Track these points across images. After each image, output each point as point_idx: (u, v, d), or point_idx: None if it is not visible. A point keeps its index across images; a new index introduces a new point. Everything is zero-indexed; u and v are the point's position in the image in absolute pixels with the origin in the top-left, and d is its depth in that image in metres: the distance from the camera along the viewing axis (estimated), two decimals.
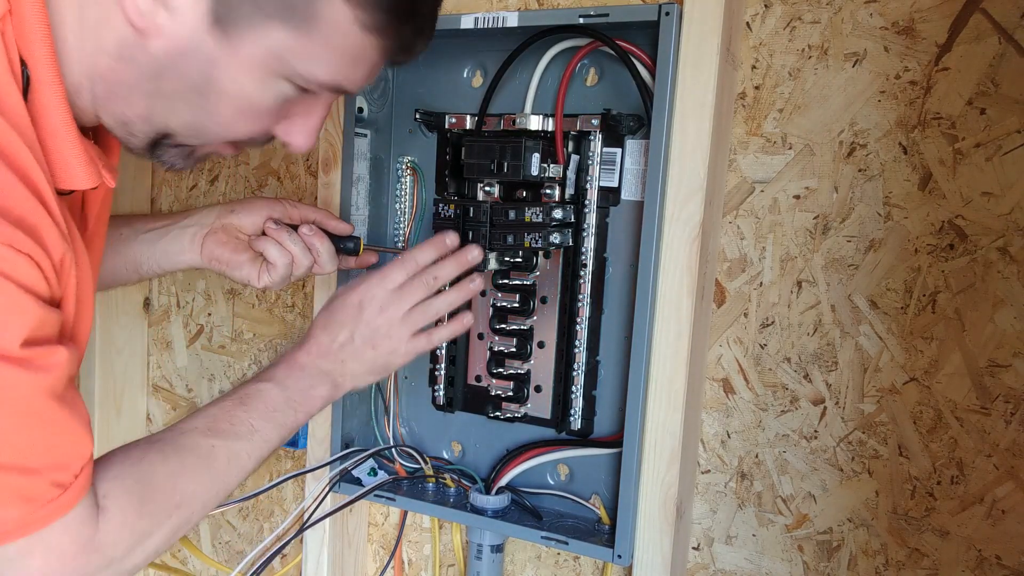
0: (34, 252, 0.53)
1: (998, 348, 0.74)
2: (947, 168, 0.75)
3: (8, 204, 0.52)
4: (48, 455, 0.55)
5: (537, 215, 0.82)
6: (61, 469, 0.56)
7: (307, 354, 0.77)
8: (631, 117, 0.82)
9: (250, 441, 0.70)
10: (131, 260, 0.84)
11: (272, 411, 0.72)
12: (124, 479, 0.61)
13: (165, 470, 0.64)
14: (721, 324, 0.86)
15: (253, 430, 0.70)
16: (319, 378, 0.76)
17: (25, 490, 0.54)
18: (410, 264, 0.78)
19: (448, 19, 0.87)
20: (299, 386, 0.75)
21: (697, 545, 0.89)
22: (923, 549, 0.79)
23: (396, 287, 0.77)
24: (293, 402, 0.74)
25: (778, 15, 0.80)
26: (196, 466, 0.66)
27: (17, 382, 0.52)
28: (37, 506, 0.54)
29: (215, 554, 1.25)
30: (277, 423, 0.72)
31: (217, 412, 0.70)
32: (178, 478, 0.64)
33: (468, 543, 0.95)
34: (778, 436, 0.84)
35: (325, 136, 0.93)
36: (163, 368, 1.28)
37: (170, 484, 0.64)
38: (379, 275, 0.78)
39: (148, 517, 0.61)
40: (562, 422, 0.88)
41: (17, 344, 0.52)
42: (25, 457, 0.54)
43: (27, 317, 0.52)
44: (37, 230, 0.54)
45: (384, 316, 0.77)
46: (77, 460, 0.57)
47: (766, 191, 0.83)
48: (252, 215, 0.83)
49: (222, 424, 0.69)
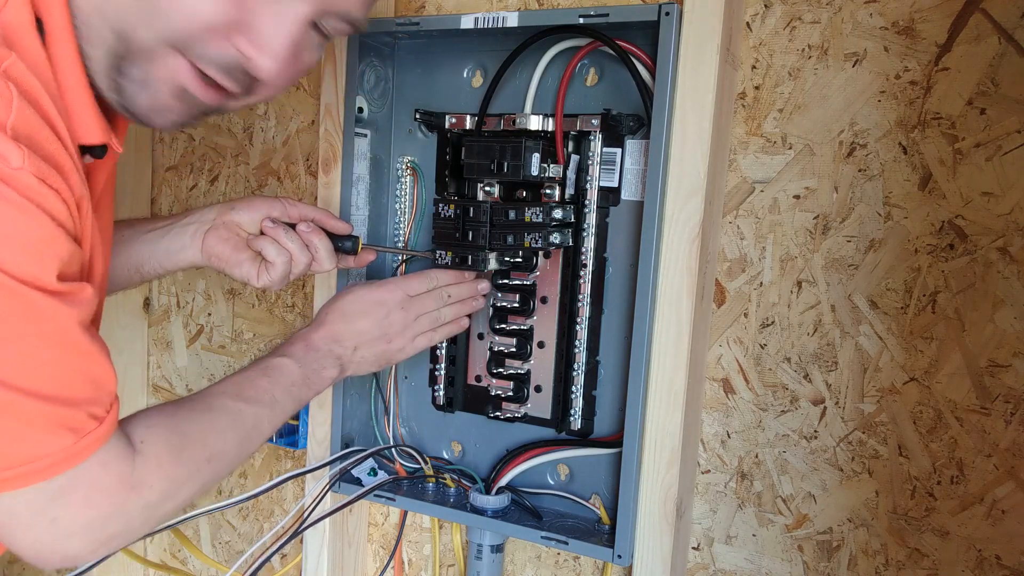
0: (62, 189, 0.55)
1: (998, 348, 0.74)
2: (947, 168, 0.75)
3: (41, 143, 0.54)
4: (86, 387, 0.57)
5: (537, 215, 0.82)
6: (96, 402, 0.58)
7: (322, 336, 0.81)
8: (631, 117, 0.83)
9: (272, 410, 0.74)
10: (133, 261, 0.84)
11: (291, 385, 0.77)
12: (160, 428, 0.64)
13: (198, 426, 0.67)
14: (721, 324, 0.86)
15: (275, 400, 0.74)
16: (330, 360, 0.81)
17: (69, 421, 0.56)
18: (431, 279, 0.86)
19: (448, 19, 0.87)
20: (313, 366, 0.79)
21: (697, 545, 0.89)
22: (923, 549, 0.79)
23: (415, 294, 0.85)
24: (308, 379, 0.78)
25: (778, 15, 0.80)
26: (225, 425, 0.70)
27: (57, 314, 0.54)
28: (79, 436, 0.56)
29: (215, 554, 1.25)
30: (294, 396, 0.77)
31: (243, 380, 0.74)
32: (209, 434, 0.68)
33: (468, 543, 0.95)
34: (778, 436, 0.84)
35: (325, 136, 0.93)
36: (163, 368, 1.28)
37: (202, 438, 0.67)
38: (403, 280, 0.85)
39: (182, 464, 0.64)
40: (562, 422, 0.88)
41: (54, 277, 0.54)
42: (68, 388, 0.56)
43: (61, 250, 0.55)
44: (64, 170, 0.55)
45: (401, 315, 0.84)
46: (107, 394, 0.59)
47: (766, 191, 0.83)
48: (251, 212, 0.83)
49: (248, 391, 0.73)
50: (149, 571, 1.29)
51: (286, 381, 0.76)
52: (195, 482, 0.66)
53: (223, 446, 0.69)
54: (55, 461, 0.55)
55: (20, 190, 0.52)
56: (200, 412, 0.69)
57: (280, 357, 0.78)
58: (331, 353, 0.81)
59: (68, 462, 0.56)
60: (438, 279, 0.86)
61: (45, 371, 0.55)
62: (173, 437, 0.65)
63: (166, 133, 1.22)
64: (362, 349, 0.83)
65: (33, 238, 0.53)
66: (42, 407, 0.54)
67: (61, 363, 0.56)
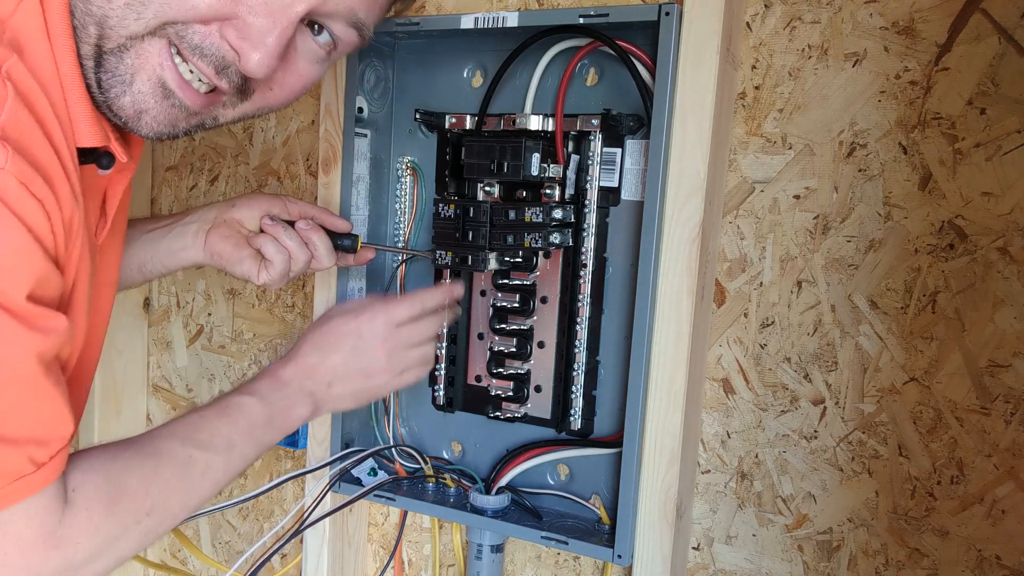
0: (47, 201, 0.51)
1: (998, 348, 0.74)
2: (947, 168, 0.75)
3: (30, 148, 0.51)
4: (28, 426, 0.52)
5: (537, 215, 0.82)
6: (39, 444, 0.52)
7: (292, 371, 0.75)
8: (631, 117, 0.83)
9: (228, 456, 0.68)
10: (135, 261, 0.84)
11: (252, 427, 0.70)
12: (95, 474, 0.58)
13: (140, 473, 0.61)
14: (721, 324, 0.86)
15: (232, 445, 0.68)
16: (301, 398, 0.75)
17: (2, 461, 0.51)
18: (417, 305, 0.80)
19: (448, 19, 0.87)
20: (281, 404, 0.73)
21: (697, 545, 0.89)
22: (923, 549, 0.79)
23: (399, 323, 0.79)
24: (273, 420, 0.72)
25: (778, 15, 0.80)
26: (171, 474, 0.63)
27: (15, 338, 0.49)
28: (7, 480, 0.51)
29: (215, 554, 1.25)
30: (255, 440, 0.71)
31: (198, 421, 0.68)
32: (151, 484, 0.61)
33: (468, 543, 0.95)
34: (778, 436, 0.84)
35: (325, 136, 0.93)
36: (163, 368, 1.28)
37: (143, 488, 0.61)
38: (384, 307, 0.78)
39: (116, 518, 0.58)
40: (562, 422, 0.88)
41: (23, 296, 0.49)
42: (7, 426, 0.51)
43: (35, 267, 0.50)
44: (52, 181, 0.52)
45: (384, 348, 0.77)
46: (57, 439, 0.54)
47: (766, 191, 0.83)
48: (252, 210, 0.83)
49: (202, 435, 0.67)
50: (149, 571, 1.29)
51: (246, 423, 0.70)
52: (132, 536, 0.60)
53: (167, 495, 0.62)
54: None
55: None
56: (144, 457, 0.62)
57: (243, 395, 0.72)
58: (302, 390, 0.75)
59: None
60: (425, 303, 0.80)
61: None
62: (109, 485, 0.58)
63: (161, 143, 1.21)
64: (337, 385, 0.76)
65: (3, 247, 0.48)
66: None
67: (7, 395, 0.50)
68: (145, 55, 0.58)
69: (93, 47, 0.57)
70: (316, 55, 0.65)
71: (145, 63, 0.58)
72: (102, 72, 0.58)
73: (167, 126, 0.62)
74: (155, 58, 0.58)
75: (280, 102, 0.66)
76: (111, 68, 0.58)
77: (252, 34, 0.58)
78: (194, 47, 0.58)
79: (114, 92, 0.58)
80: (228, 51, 0.59)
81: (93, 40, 0.57)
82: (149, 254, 0.84)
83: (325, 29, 0.64)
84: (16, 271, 0.49)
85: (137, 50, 0.58)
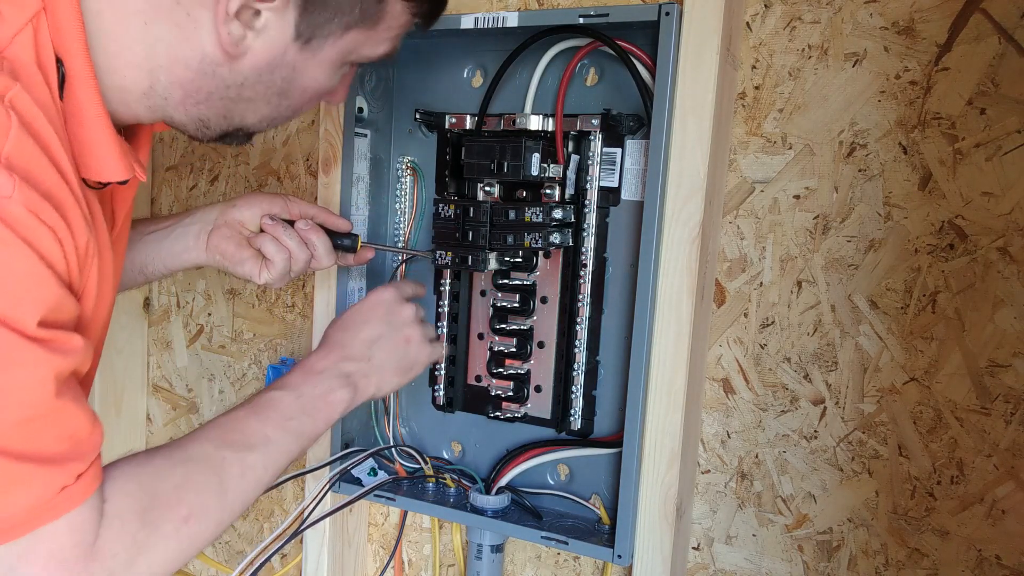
0: (58, 228, 0.51)
1: (998, 348, 0.74)
2: (947, 168, 0.75)
3: (37, 176, 0.51)
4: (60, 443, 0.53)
5: (537, 215, 0.82)
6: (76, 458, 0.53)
7: (324, 358, 0.76)
8: (631, 117, 0.82)
9: (264, 452, 0.67)
10: (137, 262, 0.84)
11: (287, 419, 0.70)
12: (127, 482, 0.58)
13: (172, 480, 0.61)
14: (721, 324, 0.86)
15: (268, 440, 0.68)
16: (338, 381, 0.75)
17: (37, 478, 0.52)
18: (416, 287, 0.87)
19: (448, 19, 0.86)
20: (315, 392, 0.73)
21: (697, 545, 0.89)
22: (923, 549, 0.79)
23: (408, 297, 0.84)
24: (309, 409, 0.72)
25: (778, 15, 0.80)
26: (206, 478, 0.63)
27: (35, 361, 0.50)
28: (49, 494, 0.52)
29: (215, 554, 1.25)
30: (293, 432, 0.70)
31: (228, 422, 0.68)
32: (185, 490, 0.61)
33: (468, 543, 0.95)
34: (778, 436, 0.84)
35: (325, 136, 0.93)
36: (163, 368, 1.28)
37: (176, 496, 0.60)
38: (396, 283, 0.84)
39: (150, 527, 0.58)
40: (562, 422, 0.88)
41: (34, 322, 0.50)
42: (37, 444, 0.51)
43: (47, 293, 0.51)
44: (63, 208, 0.52)
45: (409, 308, 0.81)
46: (91, 449, 0.55)
47: (766, 191, 0.83)
48: (252, 209, 0.83)
49: (234, 435, 0.67)
50: None
51: (279, 417, 0.70)
52: (170, 544, 0.59)
53: (204, 500, 0.62)
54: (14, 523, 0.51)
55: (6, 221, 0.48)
56: (176, 464, 0.62)
57: (273, 391, 0.72)
58: (339, 373, 0.75)
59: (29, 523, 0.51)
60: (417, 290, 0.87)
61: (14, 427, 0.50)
62: (141, 493, 0.58)
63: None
64: (377, 358, 0.77)
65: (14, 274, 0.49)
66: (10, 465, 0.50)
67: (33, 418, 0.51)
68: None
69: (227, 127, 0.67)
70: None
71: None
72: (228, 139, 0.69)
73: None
74: None
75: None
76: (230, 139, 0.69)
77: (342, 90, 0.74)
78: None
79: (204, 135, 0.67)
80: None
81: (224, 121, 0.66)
82: (151, 256, 0.84)
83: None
84: (28, 297, 0.50)
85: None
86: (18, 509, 0.51)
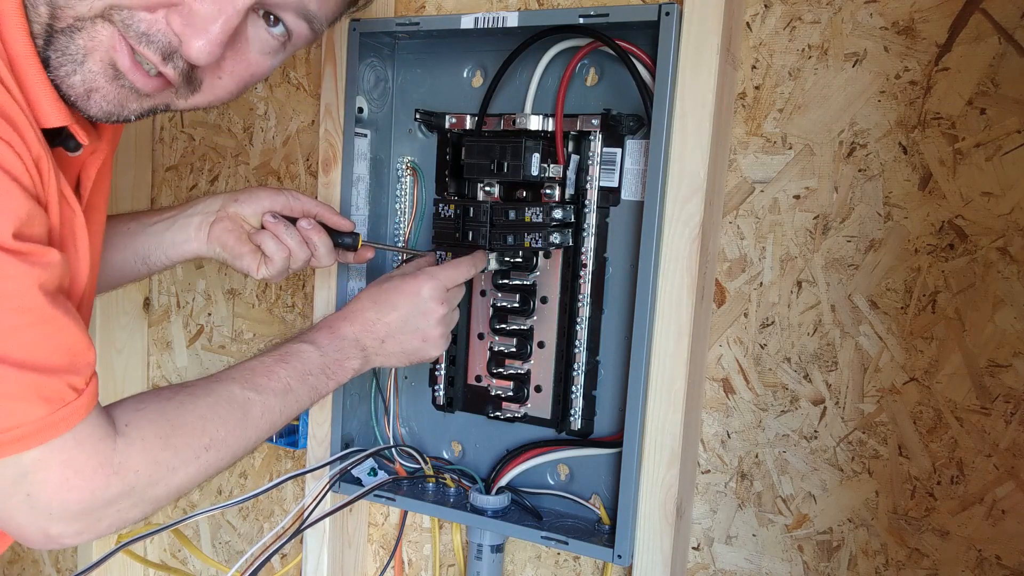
0: (14, 142, 0.52)
1: (998, 348, 0.74)
2: (947, 168, 0.75)
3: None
4: (58, 355, 0.54)
5: (537, 215, 0.82)
6: (73, 371, 0.54)
7: (351, 324, 0.78)
8: (631, 117, 0.83)
9: (284, 399, 0.70)
10: (139, 253, 0.85)
11: (308, 374, 0.73)
12: (149, 411, 0.61)
13: (196, 412, 0.64)
14: (721, 324, 0.86)
15: (289, 389, 0.71)
16: (355, 350, 0.78)
17: (42, 390, 0.52)
18: (462, 271, 0.82)
19: (448, 19, 0.87)
20: (336, 355, 0.76)
21: (697, 545, 0.89)
22: (923, 549, 0.79)
23: (455, 286, 0.82)
24: (328, 369, 0.75)
25: (778, 15, 0.80)
26: (229, 413, 0.66)
27: (15, 273, 0.51)
28: (54, 407, 0.53)
29: (215, 554, 1.25)
30: (310, 386, 0.73)
31: (256, 366, 0.71)
32: (208, 421, 0.64)
33: (468, 543, 0.95)
34: (778, 436, 0.84)
35: (325, 136, 0.93)
36: (163, 368, 1.28)
37: (200, 425, 0.63)
38: (439, 270, 0.81)
39: (173, 450, 0.61)
40: (562, 422, 0.88)
41: (9, 234, 0.50)
42: (37, 354, 0.52)
43: (17, 206, 0.51)
44: (15, 123, 0.53)
45: (441, 310, 0.80)
46: (84, 365, 0.56)
47: (766, 191, 0.83)
48: (254, 205, 0.83)
49: (260, 378, 0.70)
50: (149, 571, 1.29)
51: (303, 369, 0.73)
52: (190, 469, 0.62)
53: (225, 434, 0.65)
54: (26, 433, 0.52)
55: None
56: (200, 397, 0.65)
57: (301, 343, 0.75)
58: (357, 343, 0.78)
59: (41, 434, 0.52)
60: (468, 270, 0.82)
61: (9, 333, 0.51)
62: (164, 420, 0.61)
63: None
64: (389, 343, 0.79)
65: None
66: (11, 373, 0.51)
67: (27, 326, 0.52)
68: (97, 38, 0.59)
69: (44, 26, 0.58)
70: (269, 46, 0.65)
71: (98, 45, 0.59)
72: (52, 50, 0.58)
73: (116, 106, 0.62)
74: (107, 41, 0.59)
75: (231, 92, 0.66)
76: (61, 47, 0.58)
77: (197, 21, 0.59)
78: (140, 34, 0.59)
79: (64, 71, 0.59)
80: (173, 38, 0.59)
81: (44, 20, 0.58)
82: (153, 246, 0.85)
83: (280, 21, 0.64)
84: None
85: (89, 32, 0.58)
86: (24, 418, 0.52)
